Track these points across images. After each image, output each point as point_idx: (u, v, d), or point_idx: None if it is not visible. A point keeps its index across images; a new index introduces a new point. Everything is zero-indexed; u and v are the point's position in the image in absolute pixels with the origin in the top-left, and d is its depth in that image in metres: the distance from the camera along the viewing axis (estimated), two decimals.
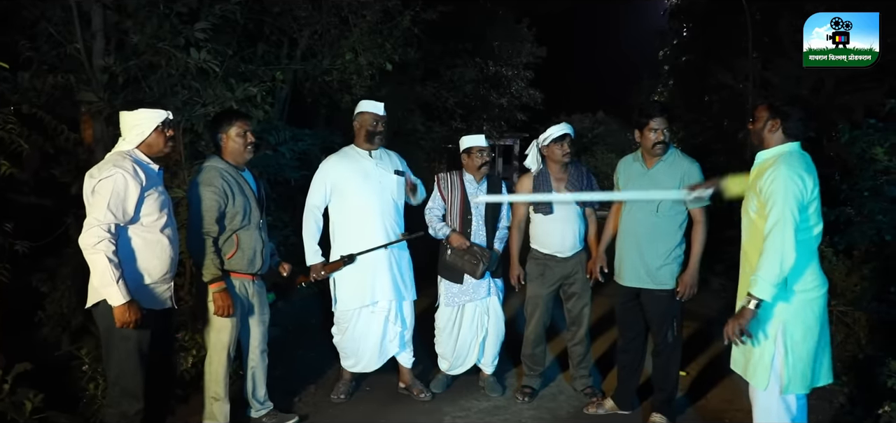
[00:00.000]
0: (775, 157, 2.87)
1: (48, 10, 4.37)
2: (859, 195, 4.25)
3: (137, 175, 2.98)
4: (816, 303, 2.83)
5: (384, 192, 4.18)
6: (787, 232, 2.71)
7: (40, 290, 4.53)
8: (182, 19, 4.54)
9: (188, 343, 4.18)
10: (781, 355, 2.82)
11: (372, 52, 6.43)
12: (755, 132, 3.01)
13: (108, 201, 2.88)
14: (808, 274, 2.82)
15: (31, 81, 4.18)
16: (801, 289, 2.81)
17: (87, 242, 2.85)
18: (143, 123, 3.10)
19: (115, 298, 2.88)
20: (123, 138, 3.12)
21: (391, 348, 4.32)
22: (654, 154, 3.78)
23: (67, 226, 4.56)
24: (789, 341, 2.81)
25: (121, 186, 2.91)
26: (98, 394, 3.76)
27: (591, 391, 4.37)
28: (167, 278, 3.18)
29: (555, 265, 4.24)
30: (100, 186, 2.90)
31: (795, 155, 2.85)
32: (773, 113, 2.92)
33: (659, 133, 3.74)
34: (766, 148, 2.95)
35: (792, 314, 2.81)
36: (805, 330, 2.82)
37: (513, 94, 15.20)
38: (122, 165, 2.96)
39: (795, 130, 2.89)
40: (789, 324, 2.81)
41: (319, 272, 4.15)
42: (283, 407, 4.09)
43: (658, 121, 3.75)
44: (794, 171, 2.75)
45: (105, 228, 2.86)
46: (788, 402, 2.86)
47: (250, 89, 4.67)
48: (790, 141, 2.90)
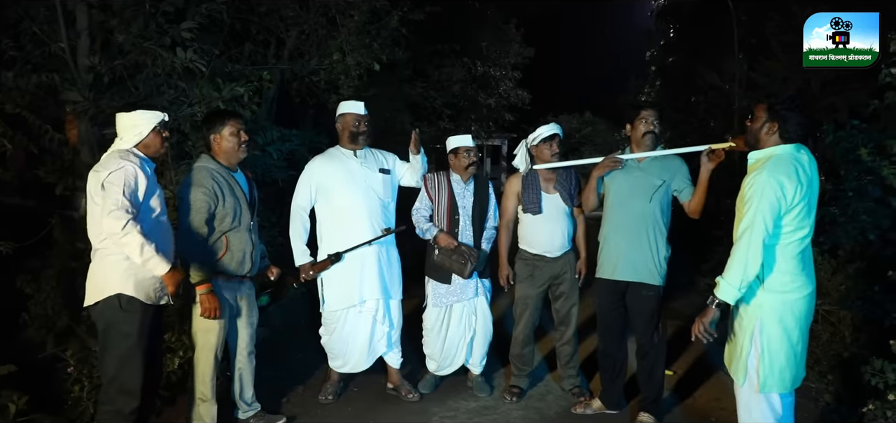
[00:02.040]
0: (764, 159, 2.86)
1: (32, 8, 4.33)
2: (844, 195, 4.29)
3: (144, 169, 3.07)
4: (798, 304, 2.82)
5: (370, 191, 4.17)
6: (755, 239, 2.73)
7: (25, 291, 4.48)
8: (168, 18, 4.51)
9: (175, 344, 4.16)
10: (758, 353, 2.83)
11: (360, 53, 6.41)
12: (752, 131, 2.96)
13: (123, 190, 2.94)
14: (787, 275, 2.81)
15: (14, 80, 4.13)
16: (780, 290, 2.81)
17: (114, 228, 2.90)
18: (141, 124, 3.14)
19: (161, 267, 2.99)
20: (120, 138, 3.16)
21: (379, 348, 4.32)
22: (644, 146, 3.80)
23: (52, 227, 4.51)
24: (765, 341, 2.82)
25: (132, 176, 2.99)
26: (83, 396, 3.74)
27: (578, 391, 4.39)
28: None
29: (544, 266, 4.25)
30: (111, 178, 2.96)
31: (784, 159, 2.81)
32: (771, 115, 2.87)
33: (649, 123, 3.78)
34: (760, 148, 2.92)
35: (769, 314, 2.82)
36: (783, 330, 2.82)
37: (501, 94, 15.22)
38: (130, 158, 3.04)
39: (793, 133, 2.85)
40: (766, 323, 2.82)
41: (308, 272, 4.14)
42: (271, 408, 4.08)
43: (649, 112, 3.82)
44: (774, 177, 2.73)
45: (126, 210, 2.91)
46: (771, 400, 2.87)
47: (237, 89, 4.64)
48: (785, 144, 2.86)
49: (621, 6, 26.98)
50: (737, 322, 2.93)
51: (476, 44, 13.45)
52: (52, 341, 4.34)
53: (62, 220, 4.54)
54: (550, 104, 17.61)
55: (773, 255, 2.81)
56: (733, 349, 2.96)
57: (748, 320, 2.86)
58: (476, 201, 4.38)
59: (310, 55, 6.63)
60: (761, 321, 2.83)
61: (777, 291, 2.81)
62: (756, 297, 2.83)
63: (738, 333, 2.92)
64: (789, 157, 2.82)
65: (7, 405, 3.33)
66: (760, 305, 2.83)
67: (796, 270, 2.83)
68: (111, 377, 3.08)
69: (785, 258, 2.81)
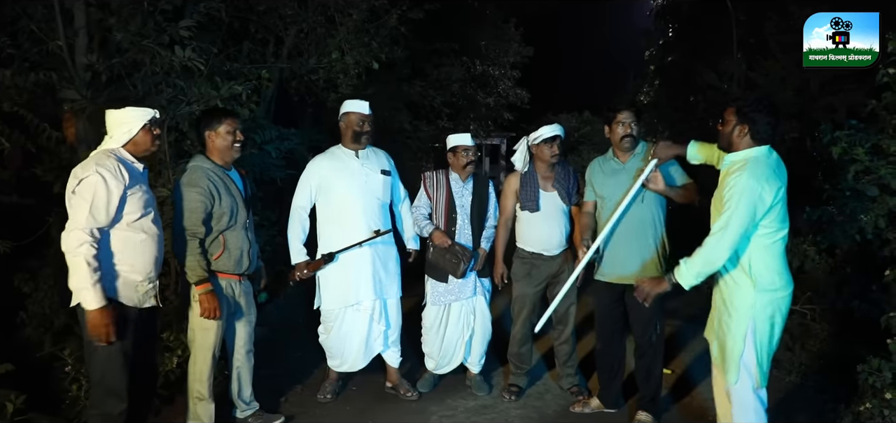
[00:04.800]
0: (743, 161, 2.92)
1: (30, 6, 4.32)
2: (841, 195, 4.29)
3: (119, 174, 2.95)
4: (783, 302, 2.94)
5: (369, 191, 4.17)
6: (725, 239, 2.83)
7: (22, 290, 4.48)
8: (166, 17, 4.50)
9: (173, 344, 4.15)
10: (752, 352, 2.92)
11: (358, 51, 6.40)
12: (724, 135, 3.05)
13: (90, 205, 2.85)
14: (776, 275, 2.91)
15: (12, 78, 4.12)
16: (770, 289, 2.91)
17: (69, 245, 2.83)
18: (131, 122, 3.08)
19: (89, 302, 2.84)
20: (110, 136, 3.09)
21: (376, 347, 4.32)
22: (623, 148, 3.82)
23: (50, 225, 4.51)
24: (758, 340, 2.92)
25: (101, 188, 2.88)
26: (81, 395, 3.73)
27: (577, 389, 4.39)
28: (151, 277, 3.14)
29: (541, 264, 4.25)
30: (80, 189, 2.87)
31: (762, 161, 2.89)
32: (740, 117, 2.94)
33: (627, 126, 3.79)
34: (735, 151, 2.99)
35: (761, 313, 2.91)
36: (772, 328, 2.93)
37: (500, 93, 15.24)
38: (105, 164, 2.94)
39: (763, 134, 2.92)
40: (759, 322, 2.91)
41: (303, 271, 4.14)
42: (270, 407, 4.08)
43: (625, 114, 3.80)
44: (756, 180, 2.81)
45: (87, 231, 2.83)
46: (761, 395, 2.98)
47: (236, 88, 4.64)
48: (758, 145, 2.93)
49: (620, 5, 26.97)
50: (726, 323, 2.98)
51: (475, 43, 13.47)
52: (50, 340, 4.33)
53: (60, 219, 4.52)
54: (549, 103, 17.60)
55: (764, 255, 2.91)
56: (725, 349, 2.99)
57: (741, 321, 2.93)
58: (475, 200, 4.38)
59: (308, 54, 6.62)
60: (754, 321, 2.92)
61: (768, 290, 2.90)
62: (748, 298, 2.91)
63: (729, 333, 2.97)
64: (766, 159, 2.90)
65: (5, 404, 3.33)
66: (753, 305, 2.91)
67: (782, 268, 2.94)
68: (97, 379, 3.05)
69: (774, 257, 2.91)
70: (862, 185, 4.05)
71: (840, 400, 3.96)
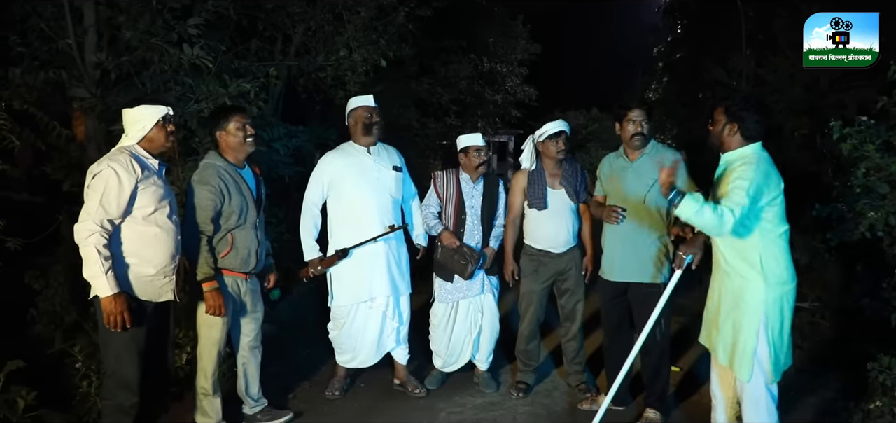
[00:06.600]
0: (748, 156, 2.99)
1: (39, 5, 4.35)
2: (851, 192, 4.27)
3: (131, 168, 3.01)
4: (790, 296, 2.98)
5: (381, 187, 4.17)
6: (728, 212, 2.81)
7: (33, 287, 4.51)
8: (175, 15, 4.52)
9: (183, 340, 4.17)
10: (765, 347, 2.94)
11: (366, 49, 6.40)
12: (715, 134, 3.11)
13: (101, 196, 2.93)
14: (784, 268, 2.96)
15: (22, 76, 4.15)
16: (779, 282, 2.94)
17: (80, 235, 2.91)
18: (144, 119, 3.14)
19: (102, 289, 2.92)
20: (126, 134, 3.16)
21: (388, 343, 4.32)
22: (634, 146, 3.81)
23: (60, 223, 4.53)
24: (770, 334, 2.94)
25: (113, 182, 2.95)
26: (91, 392, 3.75)
27: (585, 386, 4.38)
28: (167, 272, 3.18)
29: (548, 261, 4.25)
30: (93, 183, 2.96)
31: (765, 157, 2.97)
32: (729, 116, 3.01)
33: (637, 125, 3.78)
34: (728, 150, 3.06)
35: (772, 307, 2.93)
36: (783, 321, 2.96)
37: (507, 90, 15.18)
38: (117, 158, 3.02)
39: (753, 131, 2.99)
40: (770, 317, 2.93)
41: (316, 267, 4.14)
42: (278, 404, 4.09)
43: (636, 112, 3.79)
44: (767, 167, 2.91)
45: (97, 222, 2.90)
46: (772, 390, 3.00)
47: (244, 85, 4.65)
48: (749, 142, 3.00)
49: (628, 2, 26.86)
50: (737, 320, 2.97)
51: (483, 40, 13.42)
52: (61, 337, 4.36)
53: (70, 216, 4.55)
54: (557, 100, 17.54)
55: (772, 248, 2.95)
56: (736, 346, 2.98)
57: (753, 316, 2.94)
58: (485, 200, 4.38)
59: (316, 51, 6.62)
60: (766, 315, 2.93)
61: (777, 283, 2.93)
62: (759, 292, 2.92)
63: (741, 329, 2.96)
64: (764, 154, 2.98)
65: (16, 401, 3.35)
66: (764, 300, 2.93)
67: (788, 262, 2.99)
68: (110, 371, 3.10)
69: (782, 251, 2.96)
70: (872, 182, 4.02)
71: (850, 398, 3.95)
